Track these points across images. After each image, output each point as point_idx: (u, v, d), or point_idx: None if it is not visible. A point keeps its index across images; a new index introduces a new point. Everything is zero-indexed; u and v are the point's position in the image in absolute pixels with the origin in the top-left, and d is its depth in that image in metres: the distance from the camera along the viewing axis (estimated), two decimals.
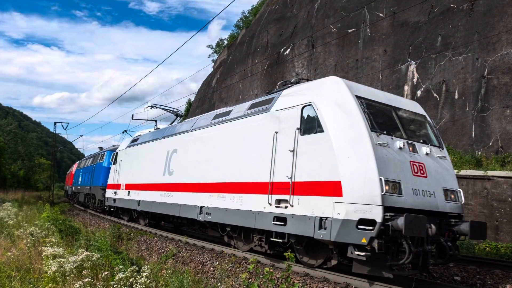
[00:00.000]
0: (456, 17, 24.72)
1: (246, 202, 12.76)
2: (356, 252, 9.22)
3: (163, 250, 16.08)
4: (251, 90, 43.77)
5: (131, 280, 8.29)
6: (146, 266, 9.61)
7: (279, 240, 11.41)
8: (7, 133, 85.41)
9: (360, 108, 9.92)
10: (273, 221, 11.30)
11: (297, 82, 13.25)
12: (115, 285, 8.10)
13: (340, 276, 10.25)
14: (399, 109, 11.14)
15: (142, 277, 8.26)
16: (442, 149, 11.23)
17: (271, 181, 11.64)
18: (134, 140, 25.63)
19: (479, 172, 18.90)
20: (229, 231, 14.37)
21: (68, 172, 71.54)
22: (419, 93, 25.58)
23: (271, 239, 11.74)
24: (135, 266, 9.44)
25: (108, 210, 30.47)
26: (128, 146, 25.93)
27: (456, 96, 23.55)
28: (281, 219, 11.06)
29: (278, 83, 14.46)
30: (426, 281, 10.97)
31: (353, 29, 31.74)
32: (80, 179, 46.23)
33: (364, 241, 8.83)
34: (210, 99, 55.45)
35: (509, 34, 21.77)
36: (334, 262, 10.84)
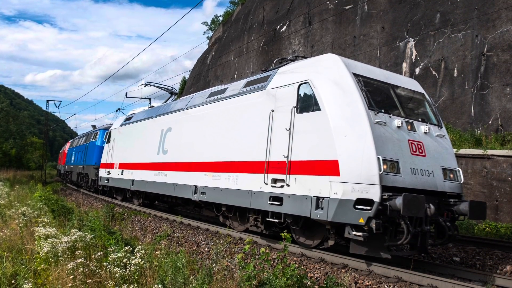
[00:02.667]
0: None
1: (241, 181, 12.72)
2: (354, 233, 9.21)
3: (157, 230, 16.08)
4: (247, 68, 43.54)
5: (124, 261, 8.26)
6: (140, 246, 9.58)
7: (275, 220, 11.39)
8: None
9: (358, 86, 9.84)
10: (269, 200, 11.28)
11: (294, 59, 13.17)
12: (109, 266, 8.08)
13: (337, 257, 10.27)
14: (397, 87, 11.07)
15: (136, 257, 8.23)
16: (441, 127, 11.18)
17: (267, 160, 11.58)
18: (128, 119, 25.38)
19: (479, 151, 18.89)
20: (225, 211, 14.35)
21: (60, 151, 70.48)
22: (417, 70, 25.46)
23: (267, 219, 11.74)
24: (128, 246, 9.42)
25: (101, 190, 30.29)
26: (122, 125, 25.57)
27: (455, 74, 23.46)
28: (277, 198, 11.03)
29: (274, 61, 14.37)
30: (425, 261, 11.00)
31: (351, 6, 31.50)
32: (73, 158, 45.19)
33: (361, 221, 8.83)
34: (205, 76, 55.18)
35: (509, 11, 21.61)
36: (331, 242, 10.85)
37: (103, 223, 13.72)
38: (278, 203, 10.97)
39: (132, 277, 7.71)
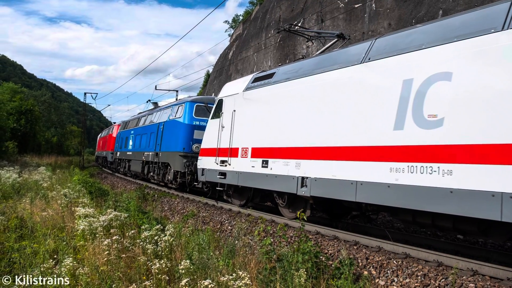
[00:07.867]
0: None
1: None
2: None
3: (184, 211, 16.06)
4: (265, 62, 43.36)
5: (156, 238, 8.26)
6: (170, 225, 9.60)
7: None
8: (42, 103, 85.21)
9: None
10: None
11: None
12: (141, 243, 8.09)
13: (349, 235, 10.15)
14: None
15: (166, 235, 8.23)
16: None
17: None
18: (267, 77, 13.71)
19: None
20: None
21: (101, 136, 60.51)
22: None
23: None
24: (159, 225, 9.43)
25: (207, 188, 17.95)
26: (250, 87, 14.23)
27: None
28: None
29: None
30: (431, 239, 10.81)
31: (359, 4, 31.13)
32: (131, 143, 32.72)
33: None
34: (227, 70, 55.08)
35: None
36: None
37: (136, 204, 13.75)
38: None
39: (163, 253, 7.72)
